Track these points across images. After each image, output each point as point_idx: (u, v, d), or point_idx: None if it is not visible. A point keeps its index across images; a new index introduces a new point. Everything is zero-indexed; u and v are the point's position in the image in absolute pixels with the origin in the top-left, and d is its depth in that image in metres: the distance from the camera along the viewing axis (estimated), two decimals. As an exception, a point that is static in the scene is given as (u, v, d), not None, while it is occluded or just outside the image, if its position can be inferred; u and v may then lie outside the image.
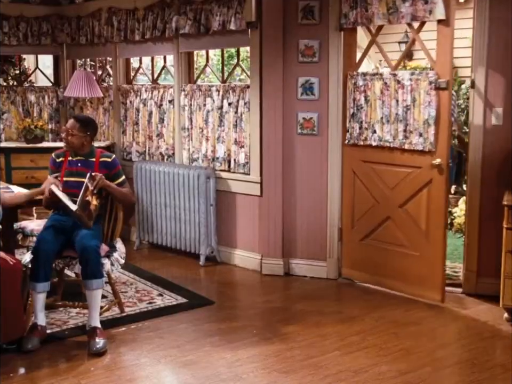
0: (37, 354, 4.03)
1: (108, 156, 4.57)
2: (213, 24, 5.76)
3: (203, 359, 3.98)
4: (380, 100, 5.03)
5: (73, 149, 4.49)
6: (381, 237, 5.19)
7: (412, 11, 4.72)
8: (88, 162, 4.47)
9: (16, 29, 7.07)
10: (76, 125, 4.46)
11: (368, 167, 5.21)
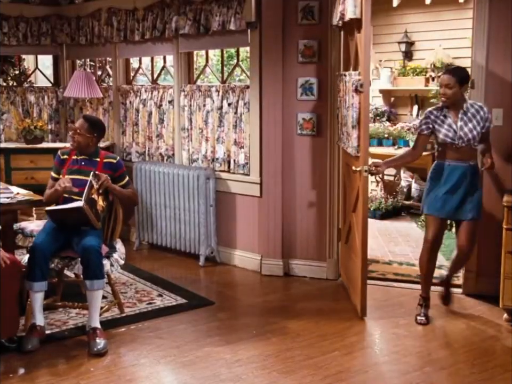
0: (36, 355, 4.03)
1: (113, 158, 4.62)
2: (213, 24, 5.76)
3: (203, 359, 3.98)
4: (341, 101, 5.00)
5: (78, 148, 4.54)
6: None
7: (341, 9, 4.68)
8: (92, 162, 4.51)
9: (15, 29, 7.06)
10: (85, 125, 4.51)
11: (345, 169, 5.18)
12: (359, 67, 4.57)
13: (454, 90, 4.38)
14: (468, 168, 4.45)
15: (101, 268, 4.19)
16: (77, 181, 4.40)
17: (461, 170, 4.45)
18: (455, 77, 4.38)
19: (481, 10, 4.78)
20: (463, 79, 4.41)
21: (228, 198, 5.93)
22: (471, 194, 4.46)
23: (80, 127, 4.51)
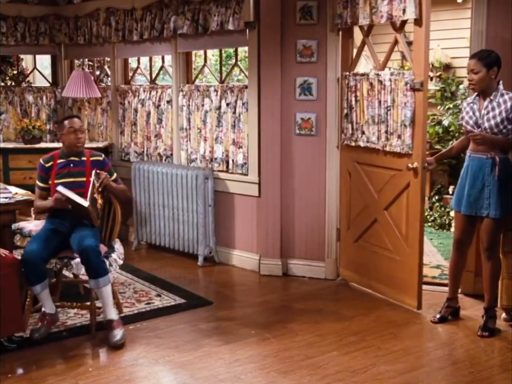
0: (35, 354, 4.03)
1: (98, 155, 4.66)
2: (211, 24, 5.76)
3: (201, 359, 3.98)
4: (367, 100, 4.98)
5: (82, 147, 4.55)
6: (370, 239, 5.13)
7: (388, 10, 4.68)
8: (80, 162, 4.54)
9: (14, 29, 7.05)
10: (80, 121, 4.62)
11: (359, 168, 5.17)
12: (414, 67, 4.66)
13: (480, 76, 4.15)
14: (487, 161, 4.19)
15: (102, 265, 4.22)
16: (69, 184, 4.41)
17: (479, 162, 4.23)
18: (480, 61, 4.14)
19: (479, 10, 4.77)
20: (491, 63, 4.14)
21: (227, 198, 5.93)
22: (492, 190, 4.19)
23: (81, 126, 4.56)
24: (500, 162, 4.18)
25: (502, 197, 4.21)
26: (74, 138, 4.51)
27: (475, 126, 4.26)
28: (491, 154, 4.20)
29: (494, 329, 4.33)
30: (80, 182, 4.44)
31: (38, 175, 4.61)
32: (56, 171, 4.50)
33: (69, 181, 4.44)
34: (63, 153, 4.58)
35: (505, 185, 4.21)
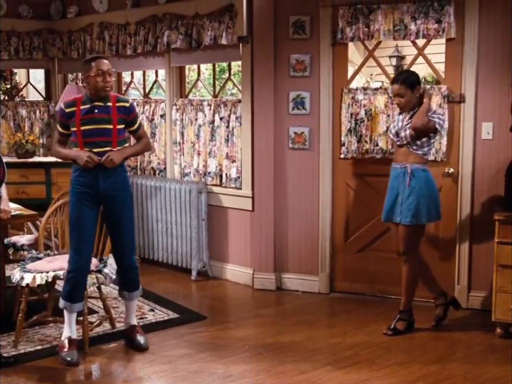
0: (27, 371, 3.99)
1: (125, 101, 4.33)
2: (205, 38, 5.78)
3: (195, 375, 3.96)
4: (384, 113, 5.12)
5: (110, 91, 4.21)
6: (381, 247, 5.29)
7: (423, 29, 4.87)
8: (106, 107, 4.19)
9: (7, 43, 7.08)
10: (108, 62, 4.21)
11: (365, 180, 5.29)
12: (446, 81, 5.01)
13: (406, 98, 4.43)
14: (401, 170, 4.44)
15: (138, 279, 4.49)
16: (94, 131, 4.15)
17: (395, 172, 4.51)
18: (404, 84, 4.41)
19: (471, 25, 4.81)
20: (413, 83, 4.43)
21: (220, 212, 5.93)
22: (403, 198, 4.44)
23: (110, 68, 4.20)
24: (411, 172, 4.41)
25: (412, 205, 4.42)
26: (102, 81, 4.12)
27: (395, 135, 4.53)
28: (404, 164, 4.45)
29: (400, 331, 4.54)
30: (105, 129, 4.15)
31: (58, 119, 4.34)
32: (80, 117, 4.15)
33: (94, 128, 4.14)
34: (86, 97, 4.20)
35: (417, 193, 4.42)
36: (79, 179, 4.20)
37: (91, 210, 4.22)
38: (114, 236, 4.36)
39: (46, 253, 4.68)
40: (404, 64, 8.22)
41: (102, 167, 4.15)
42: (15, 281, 4.31)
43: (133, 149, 4.43)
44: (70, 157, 4.24)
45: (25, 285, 4.26)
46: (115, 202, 4.26)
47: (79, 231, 4.19)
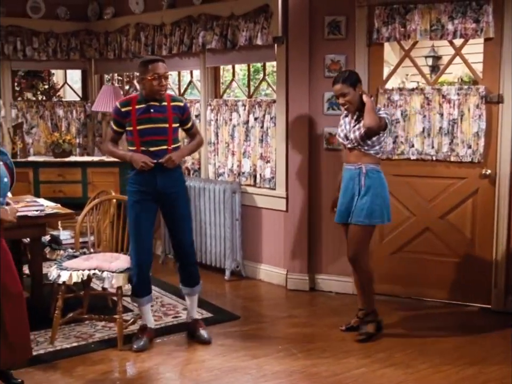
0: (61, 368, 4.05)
1: (179, 100, 4.45)
2: (240, 39, 5.79)
3: (228, 374, 3.97)
4: (420, 114, 5.09)
5: (164, 94, 4.28)
6: (418, 248, 5.26)
7: (460, 29, 4.82)
8: (161, 107, 4.27)
9: (45, 44, 7.17)
10: (166, 66, 4.29)
11: (401, 180, 5.25)
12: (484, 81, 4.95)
13: (350, 97, 4.37)
14: (356, 171, 4.39)
15: (198, 274, 4.58)
16: (150, 130, 4.24)
17: (349, 173, 4.44)
18: (346, 83, 4.36)
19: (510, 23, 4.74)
20: (355, 81, 4.39)
21: (254, 212, 5.93)
22: (357, 198, 4.38)
23: (167, 72, 4.27)
24: (366, 172, 4.36)
25: (365, 205, 4.36)
26: (157, 85, 4.19)
27: (345, 138, 4.46)
28: (359, 164, 4.39)
29: (372, 333, 4.50)
30: (161, 128, 4.25)
31: (113, 118, 4.42)
32: (136, 117, 4.23)
33: (150, 127, 4.23)
34: (141, 97, 4.28)
35: (372, 194, 4.37)
36: (136, 178, 4.31)
37: (149, 208, 4.33)
38: (173, 232, 4.47)
39: (82, 251, 4.74)
40: (441, 64, 8.16)
41: (159, 166, 4.24)
42: (52, 279, 4.38)
43: (189, 148, 4.60)
44: (126, 158, 4.35)
45: (62, 283, 4.32)
46: (172, 199, 4.36)
47: (137, 229, 4.31)
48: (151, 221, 4.37)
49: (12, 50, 6.99)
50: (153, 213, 4.38)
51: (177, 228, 4.44)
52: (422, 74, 5.36)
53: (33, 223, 4.58)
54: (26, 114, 7.30)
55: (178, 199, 4.39)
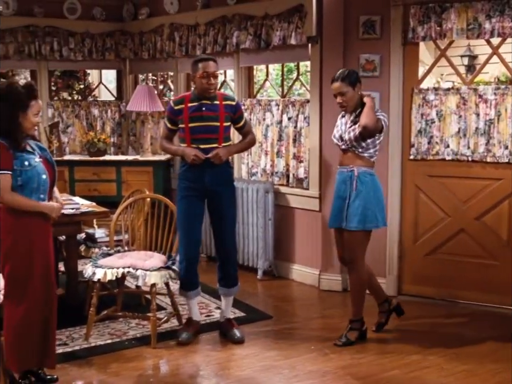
0: (95, 364, 4.09)
1: (232, 99, 4.47)
2: (273, 39, 5.79)
3: (260, 373, 3.97)
4: (456, 114, 5.04)
5: (214, 93, 4.33)
6: (452, 250, 5.20)
7: (498, 28, 4.75)
8: (213, 105, 4.33)
9: (81, 44, 7.26)
10: (215, 65, 4.33)
11: (436, 181, 5.21)
12: None
13: (349, 96, 4.29)
14: (348, 174, 4.31)
15: (237, 275, 4.62)
16: (201, 128, 4.31)
17: (341, 176, 4.37)
18: (345, 82, 4.27)
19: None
20: (354, 81, 4.30)
21: (287, 212, 5.93)
22: (350, 202, 4.29)
23: (216, 71, 4.32)
24: (358, 176, 4.27)
25: (358, 210, 4.28)
26: (206, 83, 4.26)
27: (339, 139, 4.40)
28: (351, 167, 4.31)
29: (352, 341, 4.37)
30: (212, 126, 4.31)
31: (166, 115, 4.52)
32: (188, 115, 4.31)
33: (202, 125, 4.30)
34: (194, 95, 4.36)
35: (364, 198, 4.28)
36: (186, 174, 4.39)
37: (197, 203, 4.40)
38: (216, 231, 4.52)
39: (117, 249, 4.79)
40: (477, 64, 8.05)
41: (208, 162, 4.29)
42: (87, 276, 4.43)
43: (239, 146, 4.66)
44: (178, 153, 4.45)
45: (96, 280, 4.37)
46: (219, 197, 4.40)
47: (185, 223, 4.40)
48: (199, 216, 4.43)
49: (49, 50, 7.08)
50: (201, 209, 4.44)
51: (220, 227, 4.47)
52: (458, 74, 5.30)
53: (69, 221, 4.64)
54: (62, 113, 7.40)
55: (225, 198, 4.42)
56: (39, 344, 3.62)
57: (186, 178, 4.40)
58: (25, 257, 3.52)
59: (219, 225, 4.48)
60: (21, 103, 3.48)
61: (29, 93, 3.52)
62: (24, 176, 3.49)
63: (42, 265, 3.57)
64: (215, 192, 4.38)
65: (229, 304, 4.63)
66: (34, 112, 3.55)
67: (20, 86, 3.53)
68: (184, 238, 4.43)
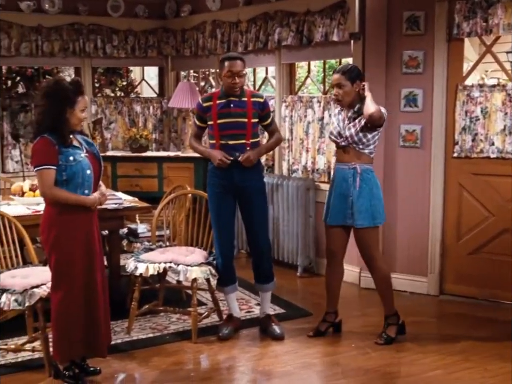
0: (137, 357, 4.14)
1: (260, 96, 4.49)
2: (316, 35, 5.77)
3: (300, 370, 3.97)
4: (502, 111, 4.96)
5: (239, 91, 4.33)
6: (496, 249, 5.11)
7: None
8: (241, 102, 4.36)
9: (124, 42, 7.34)
10: (242, 64, 4.34)
11: (480, 179, 5.13)
12: None
13: (345, 90, 4.23)
14: (350, 171, 4.25)
15: (272, 271, 4.59)
16: (229, 125, 4.33)
17: (342, 173, 4.29)
18: (344, 75, 4.22)
19: None
20: (354, 76, 4.24)
21: (327, 209, 5.89)
22: (354, 200, 4.24)
23: (242, 70, 4.31)
24: (361, 173, 4.23)
25: (363, 207, 4.25)
26: (231, 82, 4.28)
27: (338, 136, 4.31)
28: (353, 164, 4.25)
29: (392, 337, 4.35)
30: (240, 122, 4.33)
31: (195, 113, 4.58)
32: (217, 111, 4.35)
33: (230, 121, 4.33)
34: (222, 92, 4.39)
35: (369, 195, 4.26)
36: (215, 171, 4.42)
37: (227, 200, 4.43)
38: (248, 228, 4.53)
39: (158, 244, 4.84)
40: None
41: (237, 161, 4.31)
42: (129, 271, 4.48)
43: (267, 146, 4.66)
44: (205, 155, 4.50)
45: (138, 275, 4.42)
46: (249, 194, 4.42)
47: (218, 220, 4.45)
48: (230, 212, 4.45)
49: (93, 48, 7.18)
50: (232, 205, 4.46)
51: (252, 224, 4.48)
52: (504, 71, 5.21)
53: (111, 216, 4.69)
54: (105, 110, 7.50)
55: (255, 194, 4.43)
56: (84, 335, 3.68)
57: (216, 175, 4.42)
58: (68, 250, 3.58)
59: (250, 221, 4.49)
60: (69, 99, 3.53)
61: (76, 89, 3.58)
62: (69, 171, 3.54)
63: (84, 258, 3.63)
64: (244, 189, 4.39)
65: (266, 300, 4.64)
66: (81, 108, 3.61)
67: (67, 83, 3.59)
68: (217, 234, 4.47)
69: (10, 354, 4.12)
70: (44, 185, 3.52)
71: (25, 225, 4.32)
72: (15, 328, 4.38)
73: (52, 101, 3.51)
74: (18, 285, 3.84)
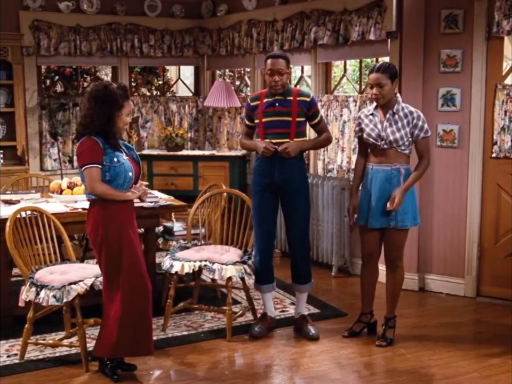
0: (172, 356, 4.17)
1: (307, 95, 4.45)
2: (352, 34, 5.74)
3: (335, 370, 3.96)
4: None
5: (280, 89, 4.33)
6: None
7: None
8: (286, 101, 4.36)
9: (161, 41, 7.39)
10: (283, 62, 4.33)
11: None
12: None
13: (387, 88, 4.16)
14: (392, 172, 4.20)
15: (310, 272, 4.59)
16: (274, 123, 4.36)
17: (383, 174, 4.22)
18: (385, 74, 4.15)
19: None
20: (393, 75, 4.19)
21: (363, 209, 5.86)
22: (404, 201, 4.18)
23: (283, 68, 4.29)
24: (405, 173, 4.20)
25: (408, 207, 4.23)
26: (271, 80, 4.30)
27: (378, 138, 4.22)
28: (395, 165, 4.20)
29: (391, 339, 4.34)
30: (286, 121, 4.34)
31: (245, 113, 4.61)
32: (262, 110, 4.39)
33: (274, 120, 4.36)
34: (269, 91, 4.41)
35: (410, 195, 4.24)
36: (259, 168, 4.47)
37: (269, 198, 4.45)
38: (288, 227, 4.54)
39: (194, 242, 4.86)
40: None
41: (279, 156, 4.32)
42: (165, 268, 4.52)
43: (312, 142, 4.65)
44: (252, 147, 4.55)
45: (174, 273, 4.45)
46: (290, 193, 4.42)
47: (259, 217, 4.47)
48: (271, 210, 4.46)
49: (130, 47, 7.25)
50: (274, 203, 4.47)
51: (291, 224, 4.48)
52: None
53: (148, 214, 4.73)
54: (142, 109, 7.56)
55: (296, 194, 4.42)
56: (134, 335, 3.73)
57: (259, 172, 4.46)
58: (116, 246, 3.65)
59: (290, 221, 4.49)
60: (117, 103, 3.60)
61: (124, 93, 3.64)
62: (112, 172, 3.61)
63: (130, 255, 3.68)
64: (285, 188, 4.40)
65: (302, 300, 4.63)
66: (127, 112, 3.68)
67: (115, 87, 3.64)
68: (257, 231, 4.49)
69: (48, 349, 4.19)
70: (93, 181, 3.59)
71: (63, 222, 4.40)
72: (53, 323, 4.44)
73: (101, 104, 3.57)
74: (57, 281, 3.91)
